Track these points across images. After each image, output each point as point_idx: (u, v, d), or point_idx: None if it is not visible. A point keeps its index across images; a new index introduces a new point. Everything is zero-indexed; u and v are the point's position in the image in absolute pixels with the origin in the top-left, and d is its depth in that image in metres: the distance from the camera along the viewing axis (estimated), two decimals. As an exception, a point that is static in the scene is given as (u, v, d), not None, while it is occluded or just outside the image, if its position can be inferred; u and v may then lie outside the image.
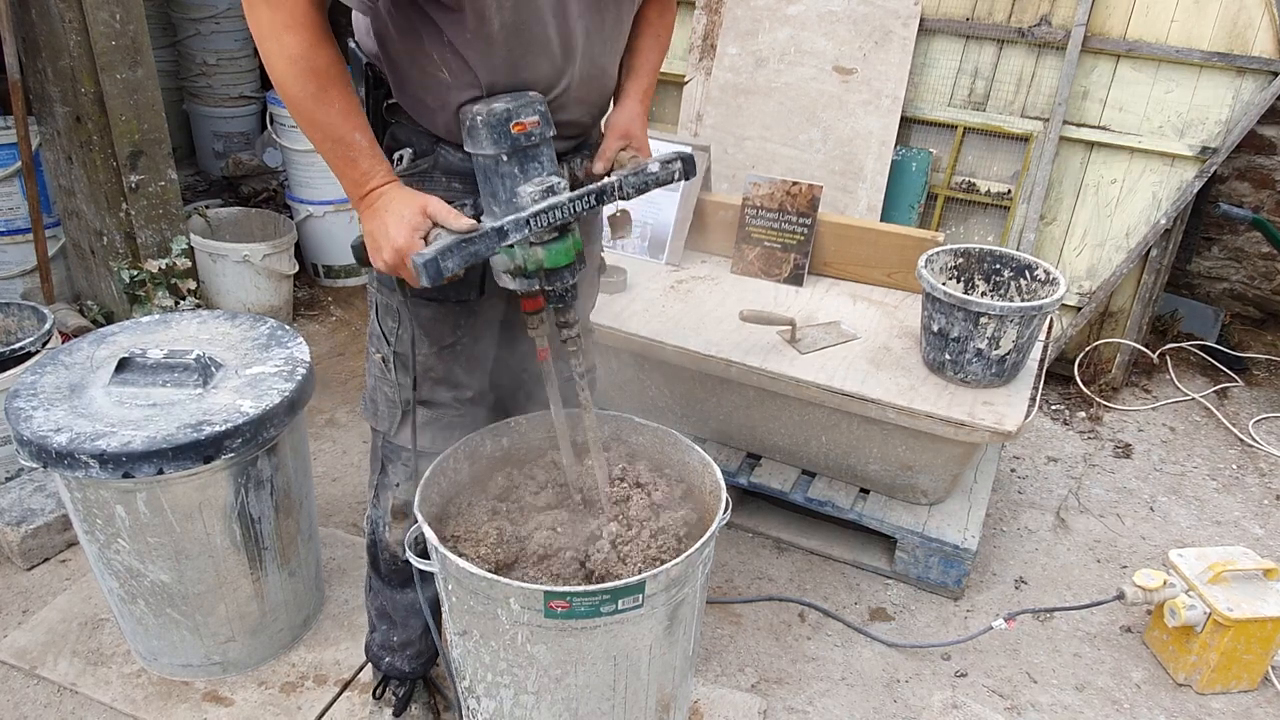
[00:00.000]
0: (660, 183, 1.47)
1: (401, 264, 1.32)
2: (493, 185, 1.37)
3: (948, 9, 3.14)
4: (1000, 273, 2.37)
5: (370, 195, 1.35)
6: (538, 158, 1.37)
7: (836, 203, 3.19)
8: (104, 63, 2.72)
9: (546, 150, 1.38)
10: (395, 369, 1.63)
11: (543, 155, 1.37)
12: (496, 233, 1.31)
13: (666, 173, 1.47)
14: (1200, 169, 2.95)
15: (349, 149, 1.33)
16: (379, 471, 1.71)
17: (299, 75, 1.27)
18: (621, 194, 1.43)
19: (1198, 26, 2.89)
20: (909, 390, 2.21)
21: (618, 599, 1.39)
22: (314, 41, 1.27)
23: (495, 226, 1.31)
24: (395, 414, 1.66)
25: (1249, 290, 3.78)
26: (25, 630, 2.08)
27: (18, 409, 1.71)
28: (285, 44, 1.26)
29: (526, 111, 1.34)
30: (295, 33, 1.26)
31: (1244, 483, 2.88)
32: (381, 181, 1.35)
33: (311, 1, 1.26)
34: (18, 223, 3.09)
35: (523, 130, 1.33)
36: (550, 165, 1.38)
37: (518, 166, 1.36)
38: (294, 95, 1.29)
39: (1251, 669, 2.08)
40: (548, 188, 1.35)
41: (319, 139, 1.33)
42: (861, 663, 2.15)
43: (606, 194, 1.40)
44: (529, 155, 1.36)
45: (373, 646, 1.89)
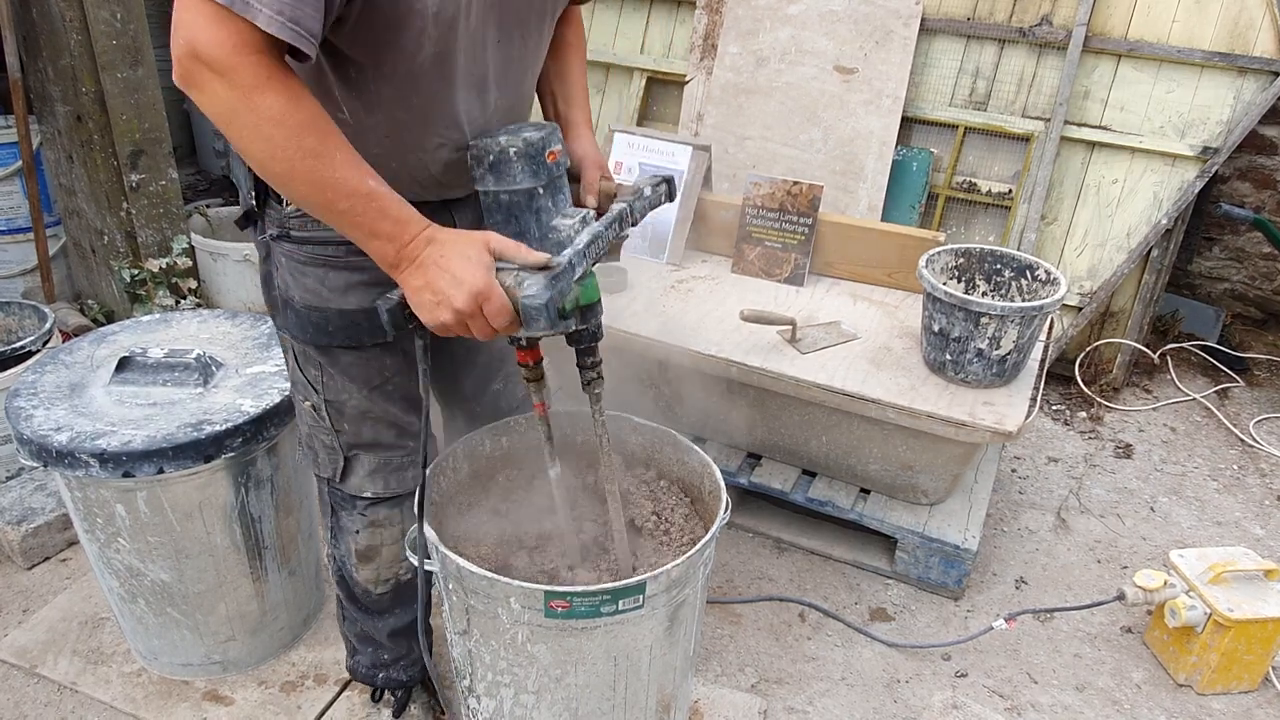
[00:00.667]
0: (654, 205, 1.45)
1: (477, 311, 1.14)
2: (523, 222, 1.26)
3: (949, 9, 3.14)
4: (1001, 273, 2.37)
5: (414, 245, 1.15)
6: (564, 189, 1.31)
7: (837, 202, 3.18)
8: (105, 62, 2.72)
9: (566, 181, 1.33)
10: (329, 416, 1.52)
11: (565, 186, 1.32)
12: (570, 267, 1.20)
13: (657, 195, 1.44)
14: (1201, 169, 2.95)
15: (373, 201, 1.12)
16: (330, 516, 1.64)
17: (290, 136, 1.04)
18: (634, 220, 1.39)
19: (1199, 26, 2.89)
20: (909, 390, 2.20)
21: (618, 599, 1.39)
22: (295, 94, 1.04)
23: (567, 261, 1.19)
24: (337, 460, 1.56)
25: (1250, 290, 3.78)
26: (25, 629, 2.09)
27: (18, 408, 1.71)
28: (261, 107, 1.02)
29: (554, 139, 1.27)
30: (269, 91, 1.03)
31: (1245, 483, 2.88)
32: (421, 227, 1.16)
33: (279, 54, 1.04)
34: (18, 222, 3.10)
35: (555, 159, 1.27)
36: (570, 196, 1.34)
37: (551, 199, 1.27)
38: (291, 163, 1.06)
39: (1252, 669, 2.08)
40: (582, 218, 1.29)
41: (335, 201, 1.10)
42: (862, 663, 2.15)
43: (623, 221, 1.35)
44: (558, 186, 1.29)
45: (360, 668, 1.83)
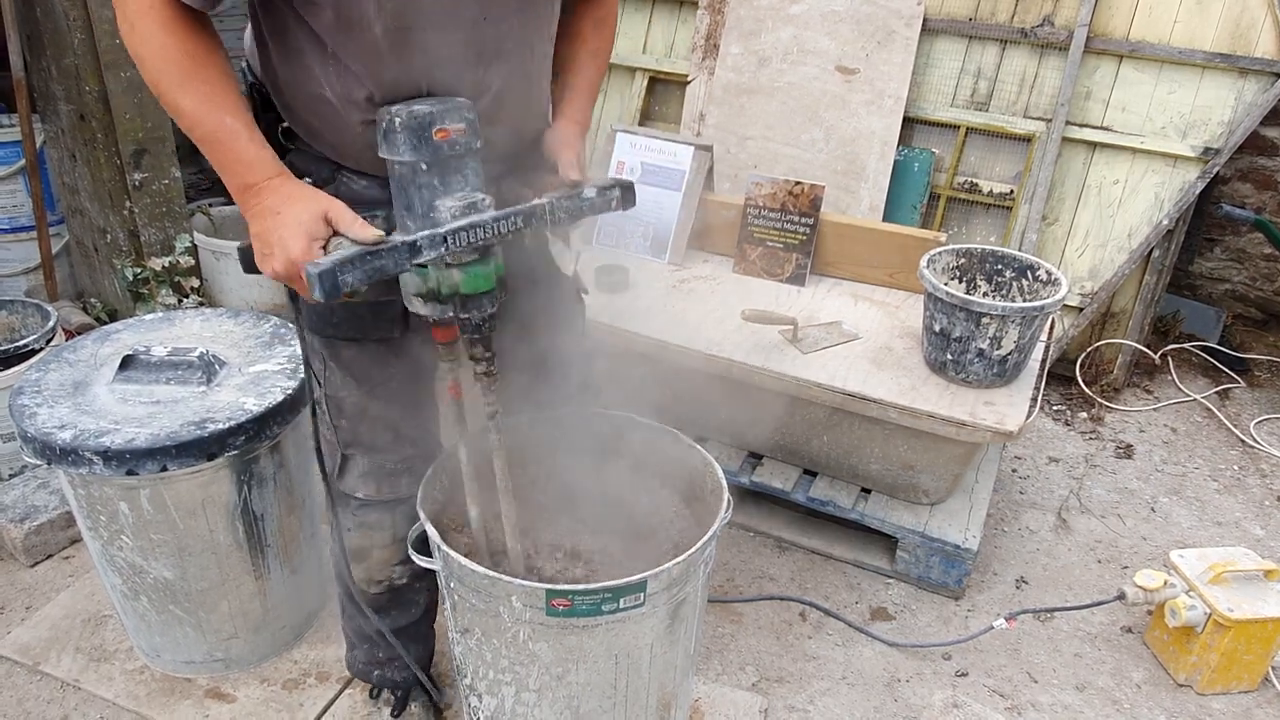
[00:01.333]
0: (596, 210, 1.34)
1: (295, 275, 1.18)
2: (408, 197, 1.23)
3: (951, 9, 3.14)
4: (1002, 273, 2.37)
5: (255, 189, 1.20)
6: (461, 170, 1.24)
7: (839, 203, 3.19)
8: (108, 61, 2.73)
9: (472, 164, 1.25)
10: (329, 411, 1.52)
11: (467, 168, 1.25)
12: (408, 248, 1.18)
13: (604, 200, 1.34)
14: (1202, 170, 2.95)
15: (227, 136, 1.18)
16: (331, 510, 1.62)
17: (159, 64, 1.15)
18: (552, 218, 1.31)
19: (1200, 27, 2.89)
20: (910, 390, 2.21)
21: (619, 597, 1.39)
22: (173, 28, 1.15)
23: (407, 241, 1.18)
24: (335, 457, 1.56)
25: (1251, 291, 3.78)
26: (28, 627, 2.09)
27: (22, 406, 1.72)
28: (141, 31, 1.15)
29: (452, 117, 1.21)
30: (145, 18, 1.14)
31: (1245, 484, 2.89)
32: (268, 174, 1.21)
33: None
34: (22, 220, 3.10)
35: (445, 138, 1.20)
36: (475, 180, 1.26)
37: (438, 178, 1.23)
38: (156, 84, 1.17)
39: (1252, 669, 2.08)
40: (470, 204, 1.23)
41: (191, 130, 1.19)
42: (862, 662, 2.15)
43: (535, 217, 1.28)
44: (451, 167, 1.23)
45: (357, 664, 1.84)
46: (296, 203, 1.19)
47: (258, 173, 1.20)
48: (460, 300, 1.27)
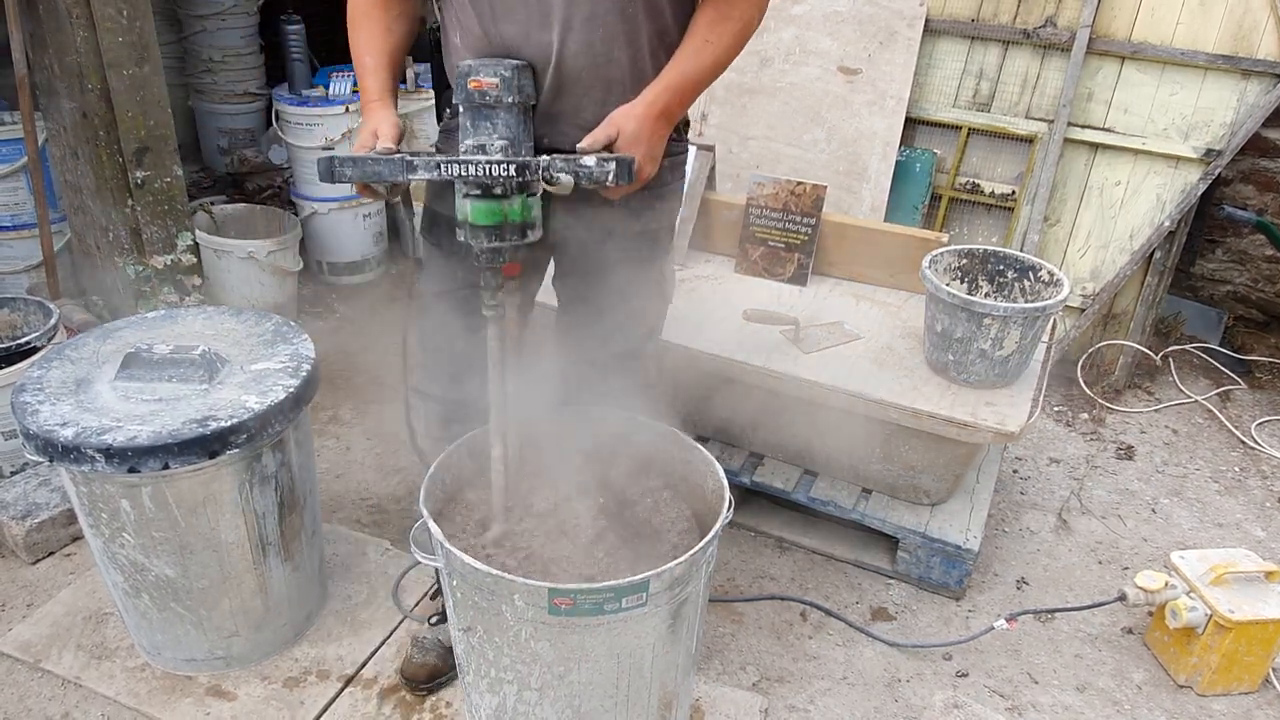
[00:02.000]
0: (594, 180, 1.38)
1: None
2: (455, 135, 1.50)
3: (953, 10, 3.14)
4: (1004, 274, 2.37)
5: (363, 106, 1.58)
6: (490, 118, 1.42)
7: (840, 203, 3.19)
8: (111, 59, 2.72)
9: (504, 116, 1.42)
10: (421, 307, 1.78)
11: (498, 118, 1.42)
12: (404, 163, 1.38)
13: (601, 170, 1.38)
14: (1204, 171, 2.95)
15: (360, 69, 1.58)
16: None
17: (350, 8, 1.59)
18: (545, 175, 1.39)
19: (1203, 29, 2.89)
20: (912, 390, 2.21)
21: (621, 597, 1.40)
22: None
23: (405, 157, 1.38)
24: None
25: (1252, 293, 3.78)
26: (30, 624, 2.09)
27: (24, 403, 1.71)
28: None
29: (487, 72, 1.40)
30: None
31: (1246, 485, 2.89)
32: (369, 99, 1.56)
33: None
34: (24, 218, 3.10)
35: (479, 88, 1.40)
36: (504, 130, 1.42)
37: (470, 120, 1.42)
38: (348, 22, 1.60)
39: (1253, 671, 2.08)
40: (479, 145, 1.40)
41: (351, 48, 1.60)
42: (863, 662, 2.15)
43: (529, 169, 1.38)
44: (482, 114, 1.42)
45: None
46: (369, 119, 1.53)
47: (366, 95, 1.58)
48: (469, 228, 1.43)
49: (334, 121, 3.57)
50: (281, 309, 3.42)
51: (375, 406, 3.01)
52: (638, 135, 1.45)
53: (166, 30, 4.07)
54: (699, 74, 1.50)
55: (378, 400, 3.03)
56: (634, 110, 1.47)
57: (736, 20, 1.52)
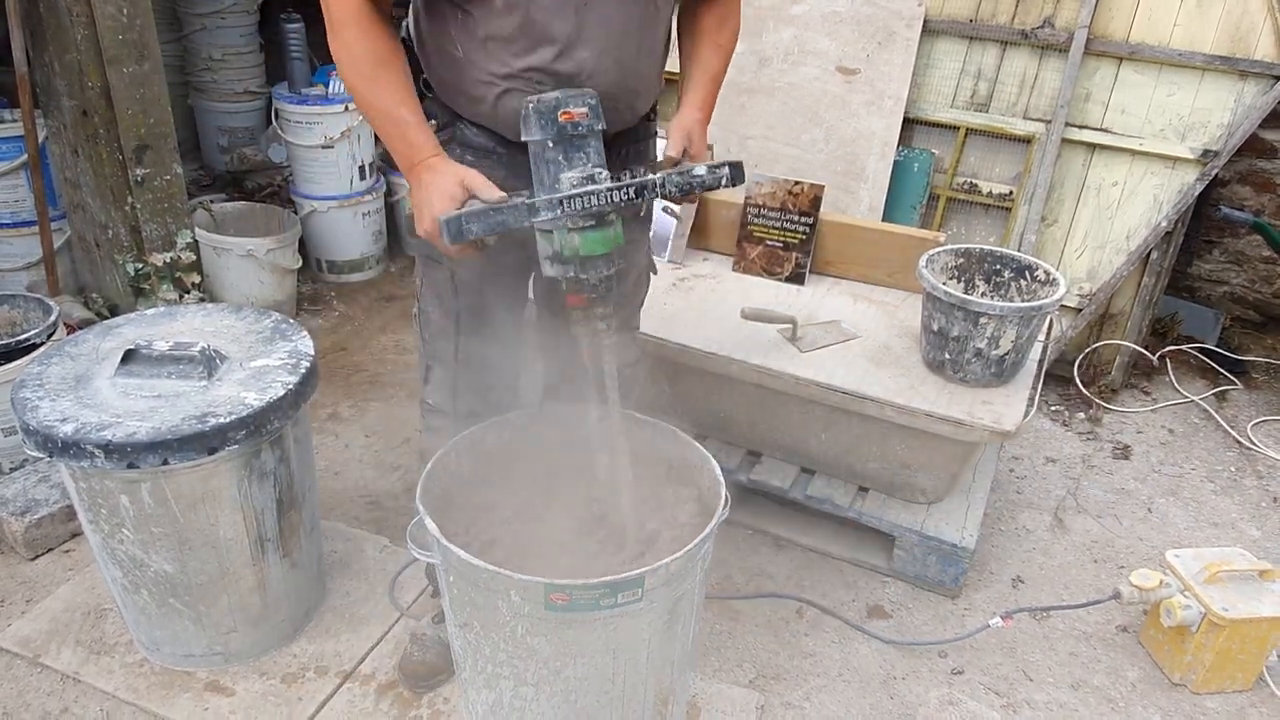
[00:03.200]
0: (707, 187, 1.49)
1: (436, 231, 1.39)
2: (540, 172, 1.42)
3: (951, 10, 3.15)
4: (1000, 273, 2.38)
5: (418, 168, 1.45)
6: (584, 148, 1.42)
7: (838, 202, 3.20)
8: (111, 57, 2.73)
9: (594, 144, 1.42)
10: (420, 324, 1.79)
11: (589, 147, 1.42)
12: (528, 208, 1.38)
13: (714, 178, 1.49)
14: (1201, 172, 2.96)
15: (398, 125, 1.44)
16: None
17: (353, 62, 1.42)
18: (664, 191, 1.46)
19: (1200, 30, 2.90)
20: (908, 389, 2.22)
21: (617, 593, 1.41)
22: (368, 31, 1.41)
23: (527, 201, 1.38)
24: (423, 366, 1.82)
25: (1249, 293, 3.79)
26: (29, 619, 2.10)
27: (24, 399, 1.72)
28: (341, 36, 1.42)
29: (576, 102, 1.40)
30: (348, 26, 1.41)
31: (1242, 485, 2.90)
32: (428, 155, 1.45)
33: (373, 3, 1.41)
34: (23, 215, 3.11)
35: (570, 119, 1.39)
36: (596, 158, 1.42)
37: (563, 154, 1.41)
38: (349, 80, 1.45)
39: (1246, 669, 2.09)
40: (588, 176, 1.40)
41: (373, 118, 1.47)
42: (859, 659, 2.16)
43: (647, 189, 1.44)
44: (574, 145, 1.41)
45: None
46: (442, 174, 1.43)
47: (421, 153, 1.45)
48: (579, 262, 1.43)
49: (333, 120, 3.58)
50: (280, 307, 3.43)
51: (374, 404, 3.02)
52: (702, 142, 1.59)
53: (166, 29, 4.08)
54: (722, 73, 1.64)
55: (376, 398, 3.04)
56: (696, 116, 1.59)
57: (734, 20, 1.65)
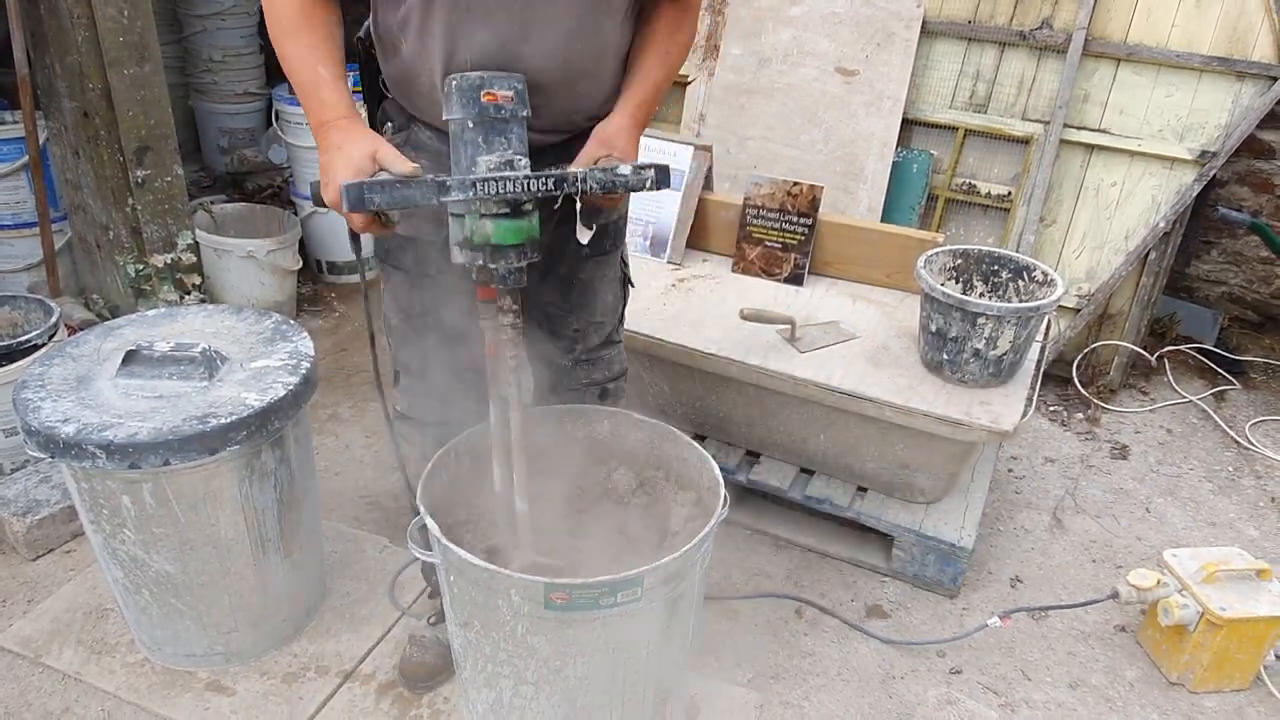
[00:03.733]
0: (630, 188, 1.43)
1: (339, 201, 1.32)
2: (458, 153, 1.38)
3: (950, 11, 3.16)
4: (999, 274, 2.39)
5: (325, 127, 1.39)
6: (505, 133, 1.37)
7: (837, 203, 3.20)
8: (111, 58, 2.74)
9: (517, 130, 1.38)
10: (386, 329, 1.76)
11: (511, 133, 1.37)
12: (437, 185, 1.31)
13: (639, 179, 1.42)
14: (1199, 173, 2.97)
15: (312, 81, 1.40)
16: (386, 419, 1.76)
17: (276, 17, 1.40)
18: (585, 187, 1.40)
19: (1198, 31, 2.90)
20: (907, 389, 2.22)
21: (616, 592, 1.41)
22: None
23: (438, 179, 1.32)
24: (394, 371, 1.81)
25: (1247, 294, 3.80)
26: (30, 619, 2.11)
27: (26, 400, 1.73)
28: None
29: (501, 84, 1.36)
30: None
31: (1240, 485, 2.90)
32: (337, 115, 1.39)
33: None
34: (24, 216, 3.11)
35: (493, 101, 1.35)
36: (518, 145, 1.37)
37: (482, 136, 1.36)
38: (271, 33, 1.41)
39: (1244, 668, 2.10)
40: (506, 161, 1.35)
41: (290, 73, 1.42)
42: (858, 659, 2.17)
43: (567, 182, 1.38)
44: (495, 128, 1.36)
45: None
46: (353, 141, 1.36)
47: (330, 112, 1.39)
48: (489, 250, 1.37)
49: (334, 121, 3.59)
50: (281, 308, 3.44)
51: (374, 404, 3.02)
52: (627, 149, 1.52)
53: (167, 30, 4.09)
54: (664, 83, 1.57)
55: (376, 398, 3.05)
56: (621, 124, 1.52)
57: (687, 31, 1.59)
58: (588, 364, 1.83)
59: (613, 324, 1.85)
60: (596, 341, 1.83)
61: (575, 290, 1.76)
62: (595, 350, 1.83)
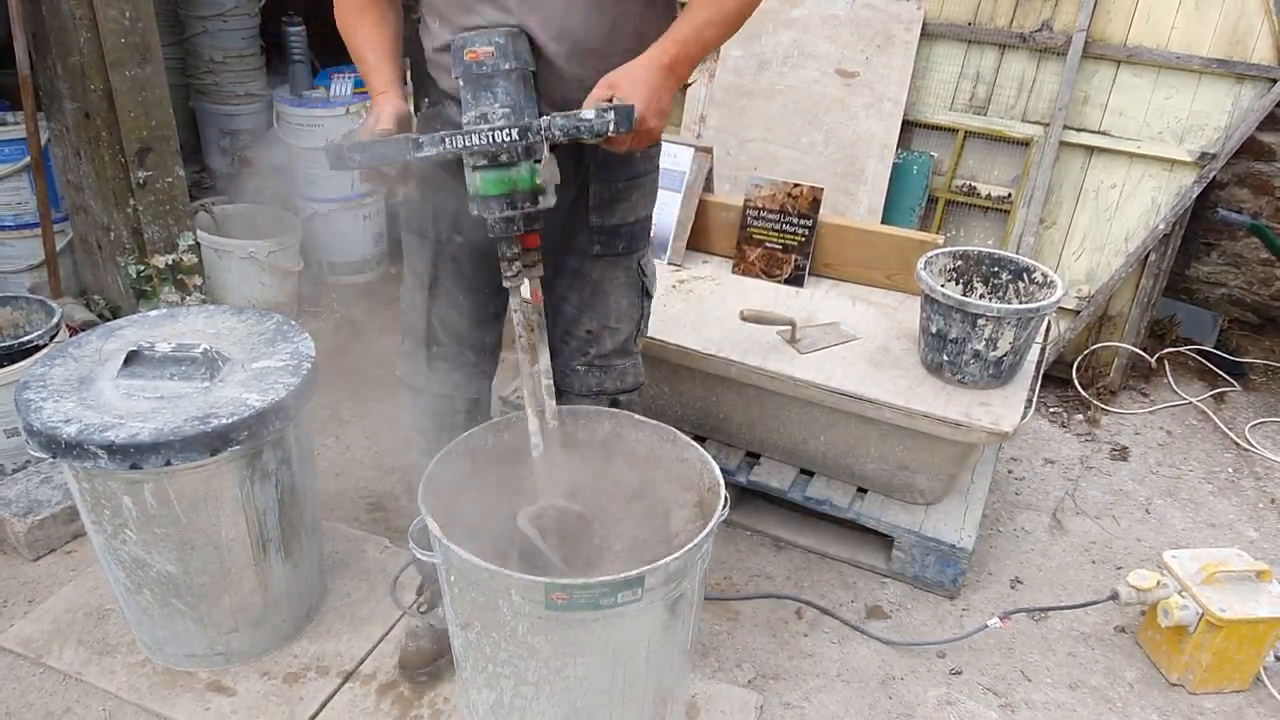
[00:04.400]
0: (595, 132, 1.38)
1: None
2: (456, 107, 1.48)
3: (950, 13, 3.16)
4: (999, 275, 2.39)
5: (372, 100, 1.57)
6: (491, 88, 1.41)
7: (837, 205, 3.21)
8: (113, 60, 2.74)
9: (504, 84, 1.41)
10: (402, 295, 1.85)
11: (497, 87, 1.41)
12: (411, 142, 1.38)
13: (602, 122, 1.36)
14: (1199, 174, 2.97)
15: (363, 63, 1.59)
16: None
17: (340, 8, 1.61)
18: (547, 134, 1.38)
19: (1198, 33, 2.91)
20: (907, 390, 2.23)
21: (617, 592, 1.41)
22: None
23: (410, 136, 1.39)
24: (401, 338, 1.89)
25: (1247, 295, 3.80)
26: (31, 620, 2.11)
27: (28, 400, 1.73)
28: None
29: (481, 41, 1.42)
30: None
31: (1239, 486, 2.90)
32: (376, 92, 1.56)
33: None
34: (26, 217, 3.12)
35: (475, 59, 1.40)
36: (505, 98, 1.40)
37: (470, 93, 1.42)
38: (338, 19, 1.61)
39: (1243, 669, 2.10)
40: (482, 114, 1.39)
41: (351, 50, 1.61)
42: (857, 660, 2.17)
43: (531, 131, 1.38)
44: (481, 84, 1.41)
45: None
46: (373, 112, 1.53)
47: (374, 88, 1.57)
48: (480, 201, 1.43)
49: (335, 123, 3.59)
50: (281, 308, 3.43)
51: (375, 405, 3.03)
52: (636, 87, 1.41)
53: (168, 31, 4.09)
54: (709, 28, 1.46)
55: (377, 399, 3.05)
56: (635, 66, 1.44)
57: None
58: (600, 371, 1.81)
59: (628, 331, 1.82)
60: (610, 348, 1.80)
61: (587, 288, 1.75)
62: (608, 357, 1.81)
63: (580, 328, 1.78)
